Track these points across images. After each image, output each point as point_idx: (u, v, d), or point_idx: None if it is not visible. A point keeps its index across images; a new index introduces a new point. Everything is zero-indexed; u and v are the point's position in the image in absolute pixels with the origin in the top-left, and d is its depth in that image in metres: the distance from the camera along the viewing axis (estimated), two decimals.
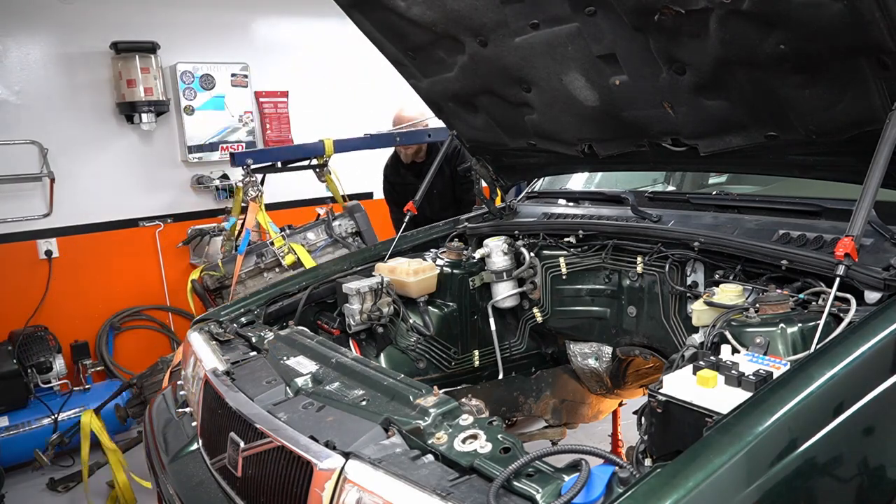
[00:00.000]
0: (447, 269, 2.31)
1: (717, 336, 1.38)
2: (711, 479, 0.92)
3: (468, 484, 1.19)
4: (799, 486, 1.02)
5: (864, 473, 1.13)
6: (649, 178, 2.91)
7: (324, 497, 1.30)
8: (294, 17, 5.51)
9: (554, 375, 2.50)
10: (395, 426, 1.42)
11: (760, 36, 1.43)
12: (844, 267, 1.33)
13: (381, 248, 2.50)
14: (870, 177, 1.35)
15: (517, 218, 2.50)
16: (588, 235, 2.17)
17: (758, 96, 1.60)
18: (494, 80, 2.05)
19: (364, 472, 1.28)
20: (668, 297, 1.98)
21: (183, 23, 4.99)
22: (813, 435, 1.03)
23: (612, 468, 1.10)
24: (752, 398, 1.06)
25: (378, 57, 2.22)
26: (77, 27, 4.58)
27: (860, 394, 1.10)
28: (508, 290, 2.30)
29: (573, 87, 1.90)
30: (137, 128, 4.80)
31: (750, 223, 1.84)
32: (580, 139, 2.12)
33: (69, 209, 4.58)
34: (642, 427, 1.29)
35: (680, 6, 1.46)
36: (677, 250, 1.89)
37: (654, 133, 1.93)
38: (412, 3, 1.87)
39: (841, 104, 1.48)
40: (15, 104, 4.42)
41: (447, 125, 2.48)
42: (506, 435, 1.33)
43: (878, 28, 1.26)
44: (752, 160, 1.88)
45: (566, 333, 2.36)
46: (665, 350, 2.04)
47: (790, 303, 1.43)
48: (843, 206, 1.62)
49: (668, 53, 1.63)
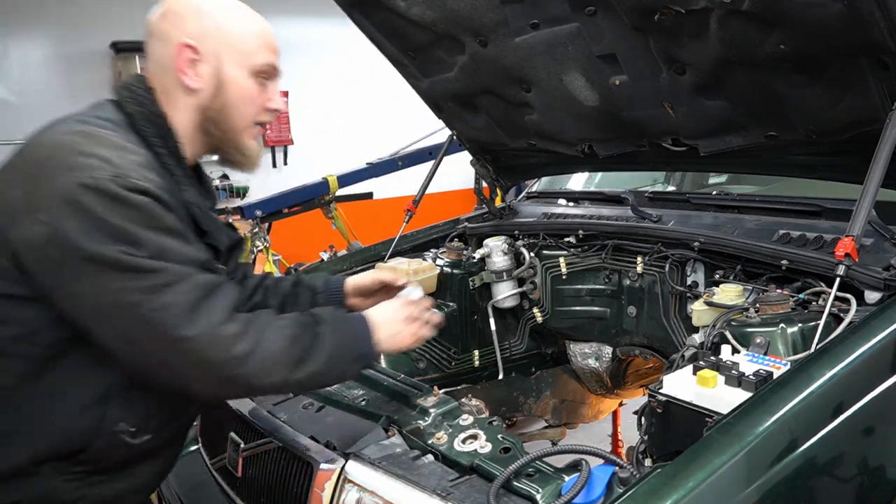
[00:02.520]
0: (447, 269, 2.30)
1: (718, 336, 1.38)
2: (712, 480, 0.93)
3: (468, 484, 1.19)
4: (799, 486, 1.02)
5: (865, 473, 1.13)
6: (649, 178, 2.91)
7: (324, 497, 1.30)
8: (294, 17, 5.51)
9: (554, 375, 2.50)
10: (395, 426, 1.42)
11: (760, 36, 1.44)
12: (844, 267, 1.33)
13: (381, 248, 2.50)
14: (870, 177, 1.35)
15: (517, 218, 2.50)
16: (588, 235, 2.17)
17: (758, 96, 1.60)
18: (494, 80, 2.05)
19: (364, 472, 1.29)
20: (668, 297, 1.98)
21: None
22: (813, 435, 1.03)
23: (612, 468, 1.10)
24: (753, 398, 1.06)
25: (378, 57, 2.22)
26: (77, 27, 4.58)
27: (860, 394, 1.10)
28: (508, 290, 2.30)
29: (573, 87, 1.90)
30: None
31: (750, 223, 1.84)
32: (580, 139, 2.12)
33: None
34: (642, 427, 1.29)
35: (680, 6, 1.46)
36: (677, 250, 1.89)
37: (654, 133, 1.93)
38: (412, 3, 1.87)
39: (841, 104, 1.48)
40: (15, 104, 4.43)
41: (447, 125, 2.48)
42: (506, 435, 1.33)
43: (878, 28, 1.26)
44: (752, 160, 1.88)
45: (566, 333, 2.36)
46: (665, 350, 2.04)
47: (790, 303, 1.43)
48: (843, 206, 1.62)
49: (668, 53, 1.63)
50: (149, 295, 1.10)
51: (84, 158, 1.11)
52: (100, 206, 1.08)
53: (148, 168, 1.18)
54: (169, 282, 1.12)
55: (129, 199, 1.10)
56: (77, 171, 1.09)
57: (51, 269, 1.10)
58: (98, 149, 1.13)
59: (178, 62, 1.28)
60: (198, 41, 1.29)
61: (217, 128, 1.35)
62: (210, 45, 1.30)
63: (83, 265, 1.08)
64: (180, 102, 1.31)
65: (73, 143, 1.14)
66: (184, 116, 1.32)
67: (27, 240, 1.09)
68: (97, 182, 1.08)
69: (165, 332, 1.11)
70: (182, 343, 1.11)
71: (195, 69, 1.30)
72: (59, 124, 1.22)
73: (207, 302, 1.15)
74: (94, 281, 1.09)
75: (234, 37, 1.32)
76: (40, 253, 1.09)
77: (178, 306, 1.11)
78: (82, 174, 1.08)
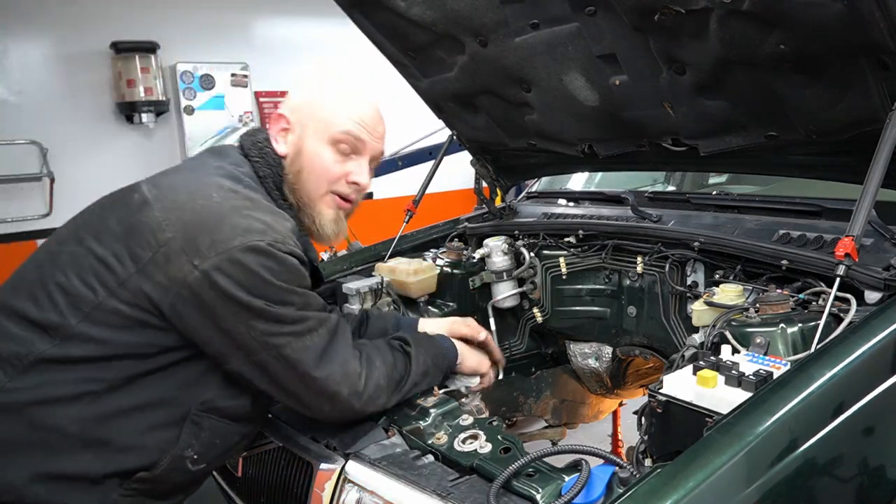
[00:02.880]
0: (447, 269, 2.30)
1: (717, 336, 1.38)
2: (712, 480, 0.92)
3: (468, 484, 1.19)
4: (799, 486, 1.02)
5: (865, 473, 1.13)
6: (649, 178, 2.91)
7: (324, 497, 1.30)
8: (294, 17, 5.52)
9: (554, 375, 2.50)
10: (395, 426, 1.42)
11: (760, 36, 1.43)
12: (844, 267, 1.33)
13: (381, 248, 2.50)
14: (870, 177, 1.35)
15: (517, 218, 2.50)
16: (588, 235, 2.17)
17: (758, 96, 1.60)
18: (494, 80, 2.05)
19: (364, 472, 1.29)
20: (668, 297, 1.98)
21: (183, 23, 4.99)
22: (813, 435, 1.03)
23: (612, 468, 1.10)
24: (753, 398, 1.06)
25: (378, 57, 2.22)
26: (77, 27, 4.58)
27: (860, 394, 1.10)
28: (508, 290, 2.30)
29: (573, 87, 1.90)
30: (137, 128, 4.80)
31: (750, 223, 1.84)
32: (580, 139, 2.12)
33: (69, 209, 4.55)
34: (642, 427, 1.29)
35: (680, 6, 1.46)
36: (677, 250, 1.89)
37: (654, 133, 1.93)
38: (412, 3, 1.87)
39: (841, 104, 1.48)
40: (15, 104, 4.43)
41: (447, 125, 2.48)
42: (506, 435, 1.33)
43: (878, 28, 1.26)
44: (752, 160, 1.88)
45: (566, 333, 2.36)
46: (665, 350, 2.04)
47: (790, 303, 1.43)
48: (843, 206, 1.62)
49: (668, 53, 1.63)
50: (293, 339, 1.27)
51: (249, 222, 1.25)
52: (261, 266, 1.22)
53: (294, 233, 1.33)
54: (310, 328, 1.29)
55: (285, 262, 1.25)
56: (244, 233, 1.23)
57: (201, 308, 1.22)
58: (259, 213, 1.29)
59: (272, 130, 1.48)
60: (290, 112, 1.47)
61: (293, 193, 1.49)
62: (299, 117, 1.47)
63: (238, 310, 1.22)
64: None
65: (240, 206, 1.28)
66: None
67: (183, 280, 1.21)
68: (260, 246, 1.23)
69: (305, 370, 1.28)
70: (315, 381, 1.29)
71: (285, 138, 1.47)
72: (211, 176, 1.35)
73: (335, 345, 1.33)
74: (246, 323, 1.24)
75: (320, 109, 1.47)
76: (194, 294, 1.21)
77: (315, 349, 1.29)
78: (249, 237, 1.23)
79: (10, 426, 1.19)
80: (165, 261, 1.22)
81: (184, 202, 1.27)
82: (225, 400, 1.32)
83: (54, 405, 1.20)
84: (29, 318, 1.24)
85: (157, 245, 1.23)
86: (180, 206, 1.27)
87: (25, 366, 1.20)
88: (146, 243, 1.24)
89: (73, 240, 1.31)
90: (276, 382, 1.30)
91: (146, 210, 1.27)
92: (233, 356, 1.27)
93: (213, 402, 1.31)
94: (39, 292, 1.25)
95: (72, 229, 1.35)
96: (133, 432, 1.25)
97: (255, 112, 5.31)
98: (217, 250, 1.20)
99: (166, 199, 1.28)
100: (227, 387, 1.32)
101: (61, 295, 1.24)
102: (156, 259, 1.22)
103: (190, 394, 1.29)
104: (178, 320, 1.23)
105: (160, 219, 1.25)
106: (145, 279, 1.22)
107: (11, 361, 1.21)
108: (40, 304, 1.24)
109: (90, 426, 1.21)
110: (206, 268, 1.20)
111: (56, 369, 1.21)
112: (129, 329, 1.23)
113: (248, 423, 1.41)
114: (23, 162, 4.42)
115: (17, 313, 1.25)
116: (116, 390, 1.23)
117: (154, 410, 1.27)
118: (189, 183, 1.33)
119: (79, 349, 1.21)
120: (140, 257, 1.23)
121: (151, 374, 1.26)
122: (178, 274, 1.21)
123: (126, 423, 1.24)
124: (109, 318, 1.22)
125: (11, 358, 1.21)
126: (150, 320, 1.23)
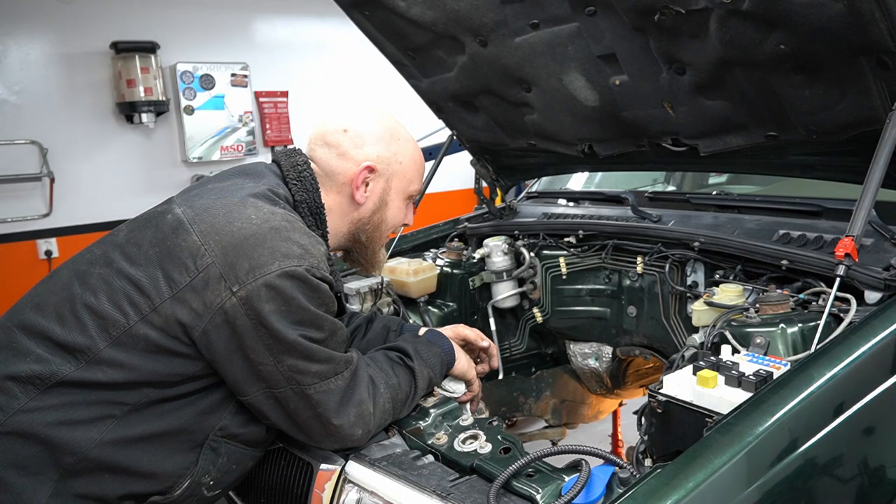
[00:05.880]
0: (447, 269, 2.30)
1: (718, 336, 1.38)
2: (712, 480, 0.92)
3: (468, 484, 1.19)
4: (799, 486, 1.02)
5: (865, 473, 1.13)
6: (649, 178, 2.91)
7: (324, 497, 1.30)
8: (294, 17, 5.51)
9: (554, 375, 2.50)
10: (395, 426, 1.42)
11: (760, 36, 1.43)
12: (844, 267, 1.33)
13: None
14: (870, 177, 1.35)
15: (517, 218, 2.50)
16: (588, 235, 2.17)
17: (758, 96, 1.60)
18: (494, 80, 2.05)
19: (364, 472, 1.29)
20: (668, 297, 1.98)
21: (183, 23, 4.99)
22: (813, 435, 1.03)
23: (612, 468, 1.10)
24: (753, 398, 1.06)
25: (378, 57, 2.22)
26: (77, 27, 4.58)
27: (860, 394, 1.10)
28: (508, 290, 2.30)
29: (573, 87, 1.90)
30: (137, 128, 4.80)
31: (750, 223, 1.84)
32: (580, 139, 2.12)
33: (69, 209, 4.58)
34: (642, 427, 1.29)
35: (680, 6, 1.46)
36: (677, 250, 1.89)
37: (654, 133, 1.93)
38: (412, 3, 1.87)
39: (841, 104, 1.48)
40: (15, 104, 4.42)
41: (447, 125, 2.48)
42: (506, 435, 1.33)
43: (878, 28, 1.26)
44: (752, 160, 1.88)
45: (566, 333, 2.36)
46: (665, 350, 2.04)
47: (790, 303, 1.43)
48: (843, 206, 1.62)
49: (668, 53, 1.63)
50: (318, 380, 1.26)
51: (288, 246, 1.24)
52: (297, 291, 1.22)
53: (327, 258, 1.34)
54: (335, 372, 1.29)
55: (319, 288, 1.25)
56: (283, 258, 1.22)
57: (232, 335, 1.21)
58: (297, 235, 1.28)
59: (357, 178, 1.48)
60: (377, 163, 1.49)
61: (366, 237, 1.55)
62: (386, 169, 1.51)
63: (270, 341, 1.21)
64: (342, 208, 1.51)
65: (279, 227, 1.27)
66: (340, 219, 1.51)
67: (220, 307, 1.20)
68: (297, 272, 1.22)
69: (323, 413, 1.28)
70: (331, 426, 1.29)
71: (367, 186, 1.50)
72: (247, 198, 1.33)
73: (355, 386, 1.32)
74: (276, 355, 1.22)
75: (404, 165, 1.53)
76: (228, 321, 1.20)
77: (338, 392, 1.29)
78: (287, 262, 1.22)
79: (29, 447, 1.17)
80: (203, 286, 1.20)
81: (222, 226, 1.25)
82: (242, 426, 1.32)
83: (74, 427, 1.18)
84: (53, 339, 1.21)
85: (196, 270, 1.21)
86: (219, 229, 1.24)
87: (47, 387, 1.19)
88: (184, 268, 1.22)
89: (102, 261, 1.28)
90: (291, 417, 1.29)
91: (183, 233, 1.25)
92: (253, 387, 1.25)
93: (231, 429, 1.31)
94: (66, 313, 1.23)
95: (102, 250, 1.32)
96: (151, 458, 1.24)
97: (255, 112, 5.31)
98: (255, 276, 1.19)
99: (204, 223, 1.26)
100: (244, 412, 1.32)
101: (90, 317, 1.22)
102: (193, 284, 1.20)
103: (208, 420, 1.28)
104: (206, 347, 1.22)
105: (199, 243, 1.23)
106: (180, 305, 1.20)
107: (33, 381, 1.19)
108: (67, 325, 1.22)
109: (108, 450, 1.20)
110: (243, 294, 1.19)
111: (77, 392, 1.19)
112: (154, 356, 1.21)
113: (264, 446, 1.41)
114: (23, 162, 4.41)
115: (41, 332, 1.22)
116: (136, 416, 1.22)
117: (173, 437, 1.26)
118: (227, 204, 1.30)
119: (104, 374, 1.19)
120: (177, 282, 1.21)
121: (171, 401, 1.25)
122: (216, 300, 1.19)
123: (145, 449, 1.23)
124: (137, 344, 1.21)
125: (33, 378, 1.19)
126: (178, 349, 1.22)
